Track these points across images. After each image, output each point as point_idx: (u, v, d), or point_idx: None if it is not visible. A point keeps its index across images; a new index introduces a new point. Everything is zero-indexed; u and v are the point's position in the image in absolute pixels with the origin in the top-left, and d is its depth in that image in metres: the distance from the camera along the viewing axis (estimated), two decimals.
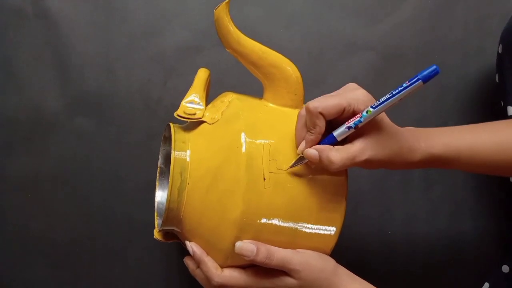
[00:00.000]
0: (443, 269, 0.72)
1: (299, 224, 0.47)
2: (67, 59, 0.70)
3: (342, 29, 0.72)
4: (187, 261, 0.52)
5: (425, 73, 0.40)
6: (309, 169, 0.47)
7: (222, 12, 0.49)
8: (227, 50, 0.51)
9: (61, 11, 0.70)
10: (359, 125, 0.44)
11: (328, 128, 0.45)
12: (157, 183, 0.58)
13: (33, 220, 0.70)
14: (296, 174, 0.47)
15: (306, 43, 0.72)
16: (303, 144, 0.46)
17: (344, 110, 0.44)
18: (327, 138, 0.46)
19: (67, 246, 0.70)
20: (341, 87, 0.77)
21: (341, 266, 0.49)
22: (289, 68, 0.50)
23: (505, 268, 0.63)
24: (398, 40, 0.73)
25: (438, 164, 0.50)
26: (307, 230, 0.48)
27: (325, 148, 0.45)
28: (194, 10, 0.71)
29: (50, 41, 0.70)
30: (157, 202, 0.57)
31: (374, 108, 0.43)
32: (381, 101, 0.43)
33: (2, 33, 0.70)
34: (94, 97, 0.70)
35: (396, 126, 0.47)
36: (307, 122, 0.45)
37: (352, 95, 0.45)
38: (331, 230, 0.49)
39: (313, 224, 0.48)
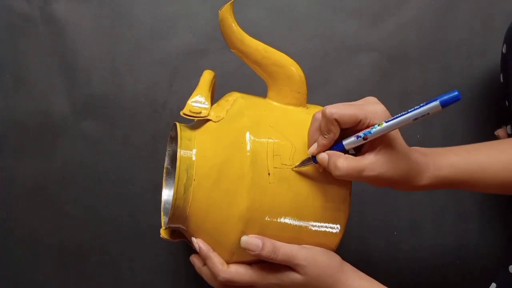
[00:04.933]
0: (449, 270, 0.72)
1: (303, 221, 0.47)
2: (74, 64, 0.71)
3: (346, 30, 0.73)
4: (193, 259, 0.52)
5: (445, 97, 0.38)
6: (315, 171, 0.47)
7: (226, 13, 0.49)
8: (232, 51, 0.52)
9: (68, 16, 0.71)
10: (368, 136, 0.43)
11: (341, 136, 0.45)
12: (163, 184, 0.59)
13: (41, 223, 0.70)
14: (301, 172, 0.47)
15: (310, 45, 0.73)
16: (314, 146, 0.46)
17: (360, 121, 0.44)
18: (336, 145, 0.46)
19: (74, 249, 0.70)
20: (345, 88, 0.77)
21: (347, 263, 0.49)
22: (293, 67, 0.50)
23: None
24: (401, 41, 0.73)
25: (445, 186, 0.49)
26: (312, 227, 0.48)
27: (335, 154, 0.45)
28: (198, 14, 0.72)
29: (57, 46, 0.71)
30: (164, 201, 0.58)
31: (386, 122, 0.42)
32: (395, 117, 0.42)
33: (10, 38, 0.71)
34: (100, 101, 0.71)
35: (407, 147, 0.46)
36: (322, 126, 0.45)
37: (371, 109, 0.44)
38: (336, 227, 0.49)
39: (318, 222, 0.48)
